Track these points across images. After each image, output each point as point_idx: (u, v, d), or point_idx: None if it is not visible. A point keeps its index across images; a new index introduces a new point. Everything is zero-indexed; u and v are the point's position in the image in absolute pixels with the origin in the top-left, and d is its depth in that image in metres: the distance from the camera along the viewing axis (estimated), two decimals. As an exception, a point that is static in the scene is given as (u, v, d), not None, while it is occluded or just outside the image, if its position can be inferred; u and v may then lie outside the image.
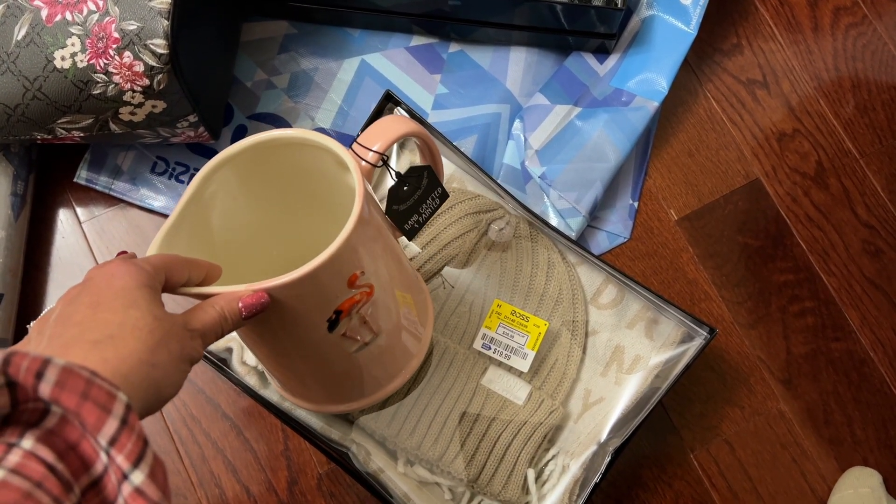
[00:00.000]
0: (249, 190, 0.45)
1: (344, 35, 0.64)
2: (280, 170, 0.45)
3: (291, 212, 0.48)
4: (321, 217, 0.48)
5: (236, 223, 0.45)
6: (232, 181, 0.43)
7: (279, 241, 0.49)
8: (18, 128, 0.52)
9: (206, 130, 0.56)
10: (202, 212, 0.42)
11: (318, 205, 0.48)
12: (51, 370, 0.25)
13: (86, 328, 0.30)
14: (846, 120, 0.66)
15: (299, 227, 0.49)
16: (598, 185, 0.60)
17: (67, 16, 0.49)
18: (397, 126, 0.43)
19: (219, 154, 0.42)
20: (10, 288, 0.56)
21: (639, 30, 0.64)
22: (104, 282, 0.32)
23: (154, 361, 0.31)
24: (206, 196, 0.42)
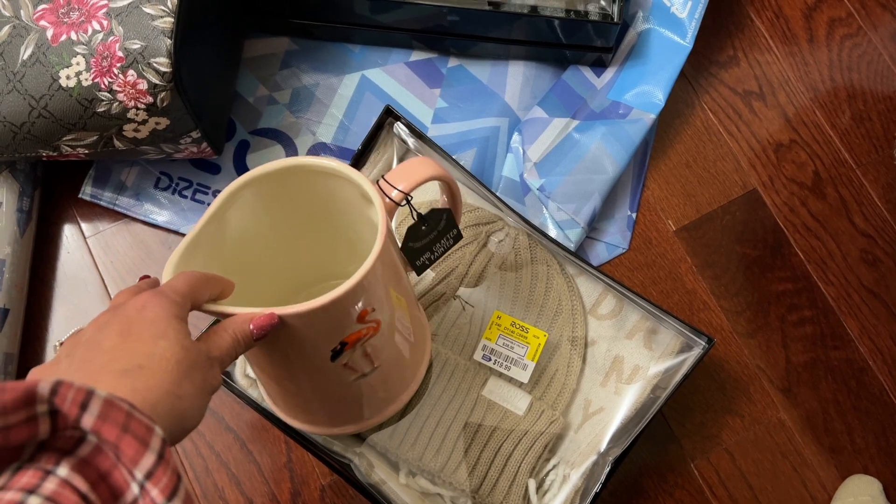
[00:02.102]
0: (268, 211, 0.45)
1: (344, 51, 0.65)
2: (301, 194, 0.45)
3: (306, 236, 0.49)
4: (335, 244, 0.49)
5: (252, 243, 0.46)
6: (254, 201, 0.44)
7: (291, 263, 0.50)
8: (24, 145, 0.53)
9: (209, 146, 0.57)
10: (221, 230, 0.43)
11: (334, 232, 0.48)
12: (94, 402, 0.26)
13: (115, 356, 0.31)
14: (842, 130, 0.67)
15: (313, 252, 0.50)
16: (597, 196, 0.61)
17: (73, 35, 0.50)
18: (424, 169, 0.44)
19: (246, 174, 0.43)
20: (16, 303, 0.57)
21: (635, 43, 0.65)
22: (135, 311, 0.33)
23: (180, 393, 0.31)
24: (228, 214, 0.43)
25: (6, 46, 0.51)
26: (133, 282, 0.60)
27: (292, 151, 0.63)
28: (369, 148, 0.58)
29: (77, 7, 0.50)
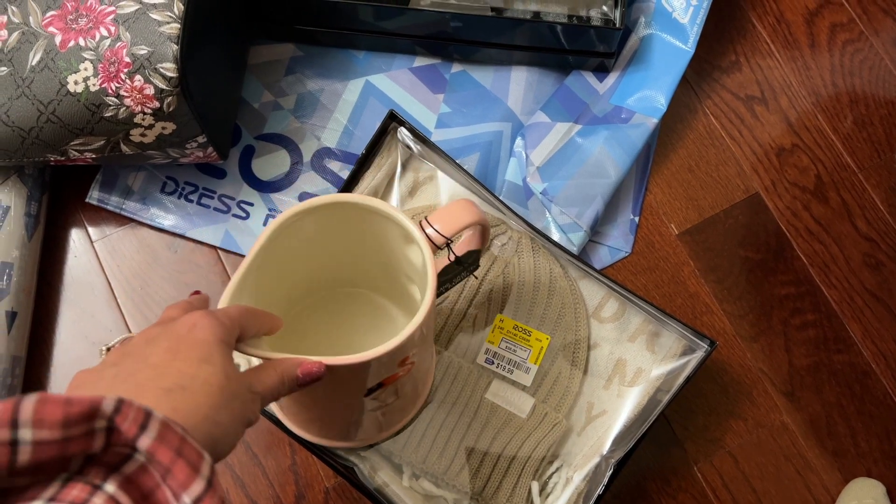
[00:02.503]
0: (312, 242, 0.46)
1: (349, 57, 0.66)
2: (343, 227, 0.46)
3: (338, 253, 0.49)
4: (363, 257, 0.50)
5: (292, 274, 0.46)
6: (301, 232, 0.44)
7: (317, 272, 0.50)
8: (33, 150, 0.53)
9: (215, 151, 0.58)
10: (269, 260, 0.43)
11: (367, 252, 0.49)
12: (153, 423, 0.26)
13: (161, 373, 0.31)
14: (844, 134, 0.67)
15: (340, 261, 0.51)
16: (599, 200, 0.61)
17: (81, 41, 0.50)
18: (468, 215, 0.44)
19: (299, 205, 0.43)
20: (24, 306, 0.57)
21: (637, 48, 0.65)
22: (185, 330, 0.33)
23: (217, 419, 0.31)
24: (277, 244, 0.43)
25: (15, 52, 0.52)
26: (139, 286, 0.61)
27: (297, 156, 0.64)
28: (373, 152, 0.58)
29: (85, 13, 0.51)
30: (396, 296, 0.53)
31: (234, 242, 0.62)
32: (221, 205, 0.62)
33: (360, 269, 0.51)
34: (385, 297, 0.54)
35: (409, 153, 0.59)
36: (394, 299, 0.54)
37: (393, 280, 0.51)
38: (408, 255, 0.46)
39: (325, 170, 0.64)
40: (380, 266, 0.50)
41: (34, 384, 0.58)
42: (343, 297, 0.54)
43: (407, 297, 0.52)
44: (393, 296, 0.53)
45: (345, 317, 0.54)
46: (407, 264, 0.47)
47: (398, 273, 0.49)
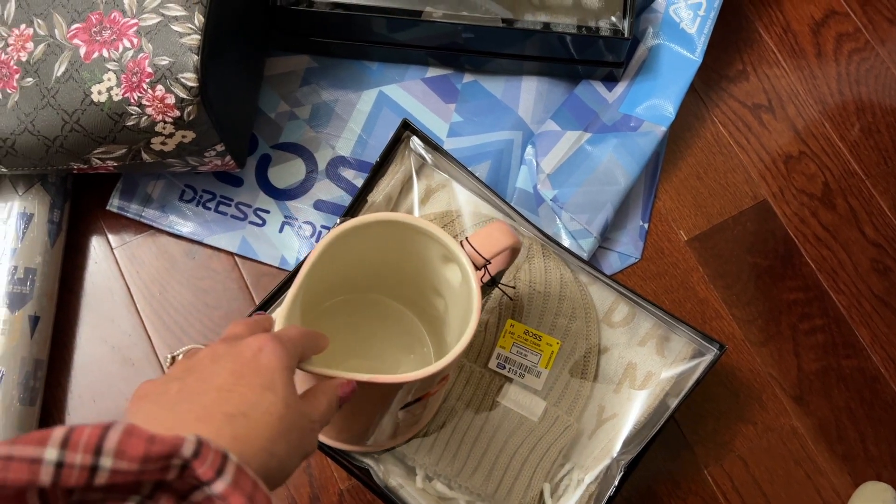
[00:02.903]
0: (351, 253, 0.47)
1: (362, 68, 0.67)
2: (382, 240, 0.47)
3: (367, 274, 0.51)
4: (392, 283, 0.52)
5: (323, 279, 0.48)
6: (346, 245, 0.46)
7: (346, 297, 0.52)
8: (57, 158, 0.55)
9: (233, 159, 0.59)
10: (316, 277, 0.44)
11: (395, 273, 0.51)
12: (229, 468, 0.27)
13: (224, 397, 0.32)
14: (851, 142, 0.68)
15: (366, 286, 0.53)
16: (609, 207, 0.62)
17: (104, 53, 0.52)
18: (506, 238, 0.46)
19: (352, 222, 0.44)
20: (46, 311, 0.59)
21: (646, 58, 0.66)
22: (250, 353, 0.34)
23: (273, 450, 0.32)
24: (326, 256, 0.44)
25: (41, 64, 0.53)
26: (158, 291, 0.62)
27: (312, 164, 0.65)
28: (387, 161, 0.59)
29: (109, 26, 0.52)
30: (417, 306, 0.54)
31: (251, 249, 0.63)
32: (238, 212, 0.63)
33: (384, 278, 0.52)
34: (403, 305, 0.55)
35: (422, 161, 0.60)
36: (413, 308, 0.55)
37: (418, 291, 0.52)
38: (443, 273, 0.48)
39: (339, 178, 0.65)
40: (407, 277, 0.51)
41: (55, 387, 0.59)
42: (363, 302, 0.55)
43: (429, 307, 0.53)
44: (413, 305, 0.55)
45: (364, 321, 0.55)
46: (439, 280, 0.49)
47: (425, 286, 0.51)
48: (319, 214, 0.64)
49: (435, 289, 0.51)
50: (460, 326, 0.45)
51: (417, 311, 0.55)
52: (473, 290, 0.43)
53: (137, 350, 0.61)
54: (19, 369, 0.56)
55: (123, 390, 0.60)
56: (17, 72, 0.54)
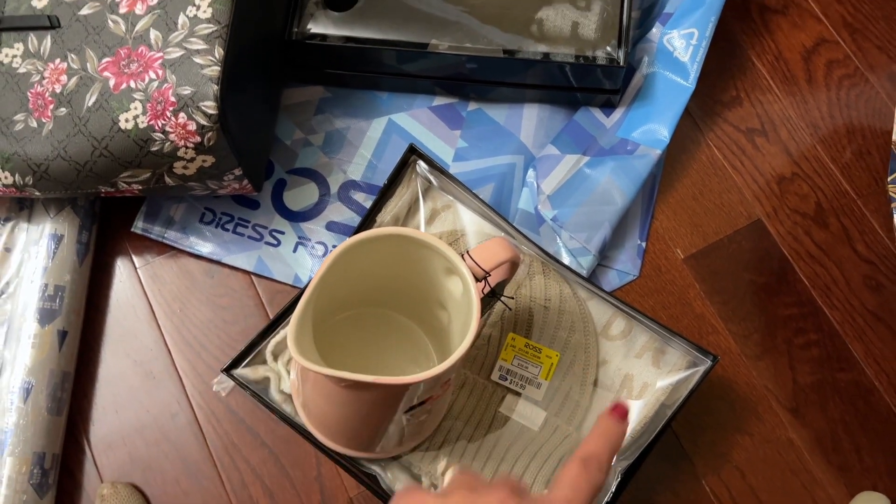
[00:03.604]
0: (359, 266, 0.50)
1: (373, 97, 0.71)
2: (388, 254, 0.50)
3: (375, 288, 0.54)
4: (399, 297, 0.55)
5: (333, 292, 0.51)
6: (354, 258, 0.49)
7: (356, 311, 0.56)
8: (86, 182, 0.59)
9: (250, 183, 0.63)
10: (327, 290, 0.48)
11: (401, 287, 0.54)
12: None
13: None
14: (843, 164, 0.70)
15: (375, 301, 0.56)
16: (607, 226, 0.65)
17: (132, 84, 0.56)
18: (504, 252, 0.49)
19: (361, 236, 0.47)
20: (74, 326, 0.62)
21: (641, 85, 0.69)
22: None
23: None
24: (335, 268, 0.47)
25: (73, 95, 0.58)
26: (178, 308, 0.65)
27: (325, 188, 0.69)
28: (394, 183, 0.63)
29: (136, 59, 0.57)
30: (423, 319, 0.57)
31: (267, 268, 0.66)
32: (255, 233, 0.67)
33: (391, 292, 0.55)
34: (411, 320, 0.58)
35: (428, 184, 0.64)
36: (419, 322, 0.58)
37: (423, 305, 0.55)
38: (446, 285, 0.51)
39: (350, 200, 0.68)
40: (413, 290, 0.54)
41: (80, 398, 0.63)
42: (371, 316, 0.58)
43: (434, 321, 0.56)
44: (418, 319, 0.58)
45: (372, 335, 0.58)
46: (443, 292, 0.52)
47: (430, 299, 0.54)
48: (331, 235, 0.67)
49: (439, 301, 0.54)
50: (462, 337, 0.48)
51: (423, 324, 0.58)
52: (473, 299, 0.46)
53: (158, 364, 0.64)
54: (48, 381, 0.59)
55: (144, 402, 0.63)
56: (51, 102, 0.58)
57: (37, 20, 0.59)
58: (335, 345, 0.57)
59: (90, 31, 0.58)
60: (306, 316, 0.45)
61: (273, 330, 0.58)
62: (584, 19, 0.65)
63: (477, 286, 0.47)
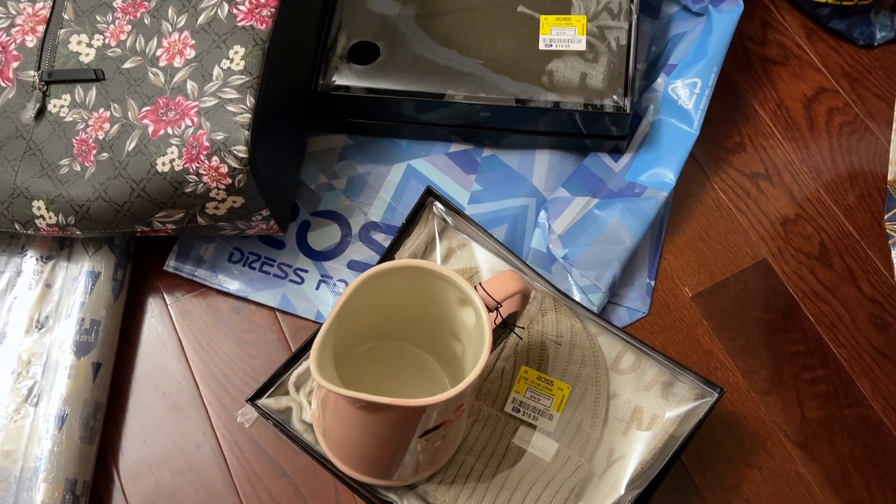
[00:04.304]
0: (376, 299, 0.53)
1: (393, 144, 0.75)
2: (404, 287, 0.53)
3: (392, 322, 0.57)
4: (415, 329, 0.58)
5: (352, 326, 0.54)
6: (371, 291, 0.51)
7: (373, 345, 0.59)
8: (124, 222, 0.63)
9: (276, 224, 0.66)
10: (343, 315, 0.50)
11: (417, 319, 0.57)
12: None
13: None
14: (846, 206, 0.73)
15: (392, 334, 0.59)
16: (616, 264, 0.68)
17: (169, 130, 0.61)
18: (515, 284, 0.52)
19: (377, 268, 0.50)
20: (107, 359, 0.66)
21: (648, 132, 0.73)
22: None
23: None
24: (353, 300, 0.50)
25: (115, 141, 0.62)
26: (206, 343, 0.69)
27: (347, 229, 0.72)
28: (412, 223, 0.66)
29: (174, 108, 0.61)
30: (437, 351, 0.60)
31: (291, 304, 0.69)
32: (280, 271, 0.70)
33: (407, 324, 0.58)
34: (426, 352, 0.61)
35: (444, 224, 0.67)
36: (434, 354, 0.61)
37: (438, 337, 0.58)
38: (460, 316, 0.53)
39: (370, 241, 0.72)
40: (428, 322, 0.57)
41: (111, 427, 0.66)
42: (388, 349, 0.61)
43: (449, 353, 0.58)
44: (434, 351, 0.60)
45: (390, 367, 0.61)
46: (457, 323, 0.54)
47: (444, 331, 0.57)
48: (352, 273, 0.70)
49: (453, 333, 0.56)
50: (475, 366, 0.51)
51: (437, 356, 0.60)
52: (486, 327, 0.49)
53: (185, 396, 0.67)
54: (81, 410, 0.62)
55: (171, 433, 0.66)
56: (94, 148, 0.62)
57: (84, 73, 0.64)
58: (354, 377, 0.60)
59: (132, 83, 0.63)
60: (327, 342, 0.48)
61: (296, 362, 0.61)
62: (591, 70, 0.69)
63: (489, 316, 0.50)
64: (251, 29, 0.61)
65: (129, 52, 0.64)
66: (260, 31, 0.62)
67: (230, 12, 0.62)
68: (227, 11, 0.62)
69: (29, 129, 0.64)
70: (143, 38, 0.64)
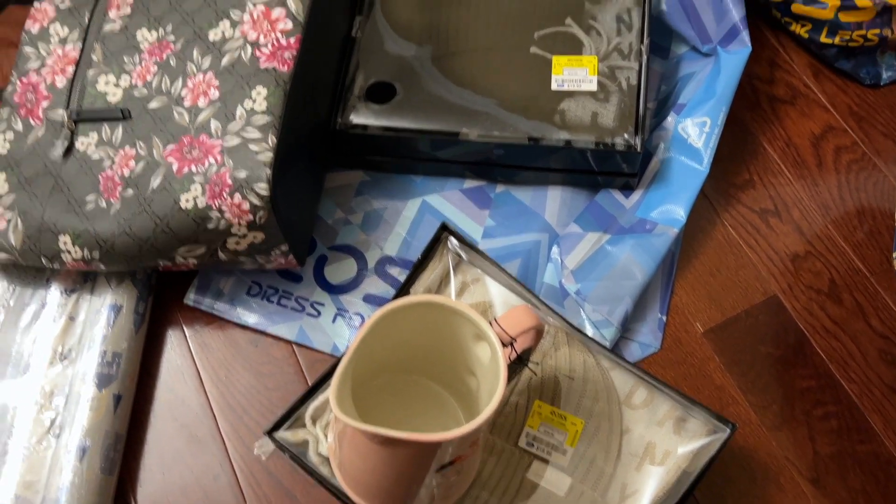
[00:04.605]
0: (393, 333, 0.54)
1: (408, 180, 0.77)
2: (420, 322, 0.54)
3: (407, 355, 0.58)
4: (429, 363, 0.59)
5: (369, 359, 0.55)
6: (389, 325, 0.53)
7: (389, 377, 0.60)
8: (147, 256, 0.65)
9: (295, 258, 0.68)
10: (365, 355, 0.52)
11: (431, 353, 0.58)
12: None
13: None
14: (855, 243, 0.73)
15: (407, 367, 0.60)
16: (628, 299, 0.69)
17: (193, 168, 0.62)
18: (529, 319, 0.53)
19: (392, 304, 0.51)
20: (128, 391, 0.67)
21: (658, 169, 0.74)
22: None
23: None
24: (372, 335, 0.51)
25: (140, 178, 0.64)
26: (224, 375, 0.70)
27: (363, 263, 0.74)
28: (427, 258, 0.68)
29: (198, 146, 0.63)
30: (452, 385, 0.61)
31: (307, 337, 0.71)
32: (297, 305, 0.72)
33: (422, 358, 0.59)
34: (441, 385, 0.62)
35: (459, 259, 0.68)
36: (449, 388, 0.62)
37: (453, 371, 0.59)
38: (475, 351, 0.54)
39: (386, 275, 0.73)
40: (444, 357, 0.58)
41: (130, 458, 0.67)
42: (403, 382, 0.62)
43: (463, 387, 0.59)
44: (448, 385, 0.61)
45: (405, 400, 0.62)
46: (471, 358, 0.56)
47: (459, 365, 0.58)
48: (368, 306, 0.72)
49: (468, 367, 0.57)
50: (490, 401, 0.52)
51: (452, 390, 0.61)
52: (500, 362, 0.50)
53: (203, 428, 0.68)
54: (102, 441, 0.64)
55: (189, 464, 0.66)
56: (119, 185, 0.64)
57: (111, 112, 0.66)
58: (370, 411, 0.61)
59: (157, 122, 0.65)
60: (346, 376, 0.49)
61: (312, 395, 0.62)
62: (603, 109, 0.71)
63: (504, 351, 0.51)
64: (273, 71, 0.64)
65: (154, 92, 0.66)
66: (282, 73, 0.64)
67: (253, 55, 0.64)
68: (250, 54, 0.64)
69: (57, 166, 0.66)
70: (168, 79, 0.66)
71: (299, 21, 0.66)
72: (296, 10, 0.66)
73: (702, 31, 0.78)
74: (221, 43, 0.66)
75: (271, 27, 0.65)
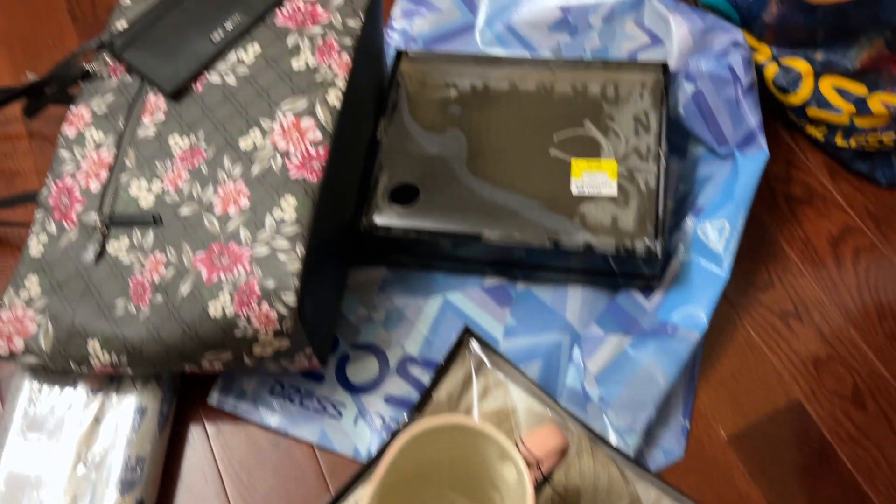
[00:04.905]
0: (419, 450, 0.55)
1: (430, 278, 0.78)
2: (446, 439, 0.55)
3: (432, 468, 0.58)
4: (453, 476, 0.59)
5: (409, 483, 0.55)
6: (419, 447, 0.53)
7: (413, 489, 0.59)
8: (174, 361, 0.65)
9: (318, 359, 0.69)
10: (394, 475, 0.52)
11: (455, 468, 0.58)
12: None
13: None
14: (876, 346, 0.73)
15: (432, 479, 0.59)
16: (651, 406, 0.69)
17: (222, 276, 0.64)
18: (555, 440, 0.53)
19: (418, 427, 0.51)
20: (150, 495, 0.67)
21: (679, 271, 0.75)
22: None
23: None
24: (399, 461, 0.52)
25: (169, 285, 0.65)
26: (245, 477, 0.70)
27: (384, 362, 0.74)
28: (450, 362, 0.68)
29: (227, 254, 0.64)
30: (476, 497, 0.61)
31: (329, 440, 0.71)
32: (319, 405, 0.72)
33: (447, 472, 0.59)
34: (464, 497, 0.62)
35: (480, 361, 0.69)
36: (473, 501, 0.61)
37: (477, 485, 0.59)
38: (500, 470, 0.55)
39: (407, 375, 0.74)
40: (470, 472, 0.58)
41: (152, 566, 0.66)
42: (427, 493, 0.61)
43: (486, 500, 0.59)
44: (473, 497, 0.61)
45: None
46: (497, 476, 0.55)
47: (484, 482, 0.58)
48: (389, 408, 0.72)
49: (493, 484, 0.57)
50: None
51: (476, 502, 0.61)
52: (527, 486, 0.50)
53: (224, 532, 0.67)
54: (123, 548, 0.63)
55: (209, 570, 0.66)
56: (149, 290, 0.65)
57: (143, 217, 0.68)
58: None
59: (188, 228, 0.67)
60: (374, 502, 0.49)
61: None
62: (622, 213, 0.72)
63: (530, 473, 0.51)
64: (303, 181, 0.65)
65: (186, 198, 0.68)
66: (311, 184, 0.65)
67: (283, 165, 0.66)
68: (280, 164, 0.66)
69: (88, 269, 0.68)
70: (199, 186, 0.68)
71: (328, 131, 0.67)
72: (325, 120, 0.68)
73: (719, 134, 0.79)
74: (252, 152, 0.68)
75: (301, 137, 0.67)
